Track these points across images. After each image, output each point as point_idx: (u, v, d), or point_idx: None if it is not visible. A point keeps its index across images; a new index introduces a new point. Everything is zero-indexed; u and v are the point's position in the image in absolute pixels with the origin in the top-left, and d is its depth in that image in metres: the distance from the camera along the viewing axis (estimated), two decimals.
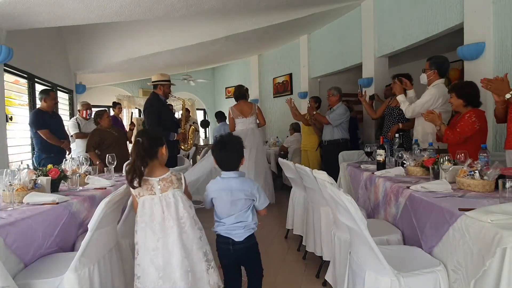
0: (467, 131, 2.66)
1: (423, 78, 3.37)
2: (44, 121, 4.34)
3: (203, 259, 1.82)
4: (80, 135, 5.36)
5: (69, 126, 5.42)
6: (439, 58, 3.30)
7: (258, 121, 5.14)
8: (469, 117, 2.68)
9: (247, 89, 5.29)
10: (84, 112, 5.57)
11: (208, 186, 2.00)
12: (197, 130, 7.21)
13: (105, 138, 4.32)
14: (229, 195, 1.89)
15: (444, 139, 2.83)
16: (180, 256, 1.73)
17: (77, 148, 5.36)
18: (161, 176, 1.80)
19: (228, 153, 1.92)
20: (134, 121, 6.70)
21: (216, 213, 2.00)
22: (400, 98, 3.51)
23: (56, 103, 4.61)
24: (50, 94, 4.53)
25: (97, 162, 4.00)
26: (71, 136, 5.36)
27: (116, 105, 6.95)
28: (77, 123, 5.45)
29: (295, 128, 6.64)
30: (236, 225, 1.93)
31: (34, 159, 4.59)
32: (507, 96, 2.31)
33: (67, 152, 4.61)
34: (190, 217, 1.82)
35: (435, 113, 2.91)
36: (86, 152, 4.26)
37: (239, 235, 1.93)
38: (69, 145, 4.66)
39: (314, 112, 5.12)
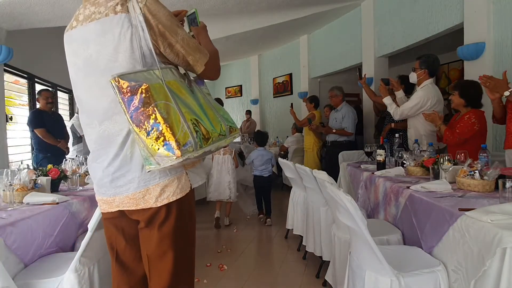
0: (466, 132, 2.66)
1: (413, 77, 3.33)
2: (41, 120, 4.33)
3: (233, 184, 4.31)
4: None
5: (77, 126, 5.37)
6: (429, 57, 3.25)
7: None
8: (469, 118, 2.67)
9: (222, 102, 5.40)
10: None
11: (251, 154, 4.44)
12: None
13: None
14: (260, 157, 4.31)
15: (444, 140, 2.82)
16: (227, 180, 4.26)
17: (83, 148, 5.36)
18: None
19: (261, 138, 4.49)
20: None
21: (254, 165, 4.37)
22: (386, 100, 3.49)
23: (50, 102, 4.51)
24: (41, 94, 4.48)
25: None
26: (79, 136, 5.36)
27: None
28: None
29: (297, 128, 6.65)
30: (263, 169, 4.35)
31: (32, 159, 4.60)
32: (506, 93, 2.31)
33: (66, 152, 4.60)
34: (233, 168, 4.28)
35: (436, 114, 2.89)
36: None
37: (265, 174, 4.36)
38: (66, 145, 4.64)
39: (326, 127, 4.99)
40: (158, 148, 1.03)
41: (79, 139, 5.38)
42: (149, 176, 1.17)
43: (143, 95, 1.02)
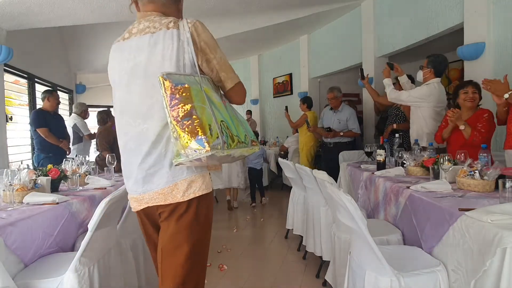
0: (490, 130, 2.66)
1: (419, 75, 3.37)
2: (44, 120, 4.37)
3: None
4: (93, 136, 5.40)
5: (81, 126, 5.42)
6: (437, 57, 3.28)
7: None
8: (489, 117, 2.68)
9: None
10: (84, 112, 5.61)
11: None
12: None
13: (115, 137, 4.35)
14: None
15: (470, 140, 2.65)
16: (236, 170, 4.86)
17: (84, 147, 5.39)
18: None
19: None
20: None
21: (249, 159, 5.10)
22: (386, 81, 3.55)
23: (59, 103, 4.67)
24: (53, 94, 4.59)
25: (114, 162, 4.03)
26: (81, 136, 5.40)
27: None
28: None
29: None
30: (256, 162, 5.27)
31: (33, 159, 4.60)
32: (505, 96, 2.32)
33: (67, 152, 4.61)
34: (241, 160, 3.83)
35: (460, 113, 2.75)
36: (100, 151, 4.25)
37: (257, 166, 5.27)
38: (68, 145, 4.67)
39: (334, 131, 4.83)
40: (190, 142, 1.16)
41: (80, 138, 5.41)
42: (177, 172, 1.31)
43: (184, 94, 1.19)
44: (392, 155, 3.26)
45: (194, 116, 1.17)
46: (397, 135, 3.49)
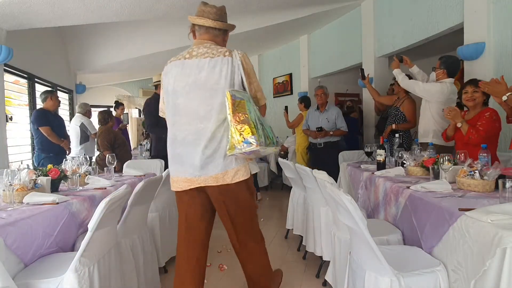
0: (490, 130, 2.59)
1: (432, 76, 3.48)
2: (47, 119, 4.40)
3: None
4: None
5: (88, 125, 5.45)
6: (449, 58, 3.35)
7: None
8: (490, 116, 2.61)
9: None
10: (88, 112, 5.65)
11: None
12: None
13: (116, 137, 4.36)
14: None
15: (466, 139, 2.67)
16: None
17: (89, 147, 5.42)
18: None
19: None
20: (134, 121, 6.73)
21: None
22: (396, 71, 3.64)
23: (59, 103, 4.73)
24: (55, 94, 4.67)
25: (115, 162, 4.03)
26: (89, 135, 5.45)
27: (119, 105, 6.93)
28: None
29: None
30: None
31: (34, 158, 4.61)
32: (504, 98, 2.31)
33: (67, 152, 4.62)
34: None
35: (458, 110, 2.78)
36: (102, 151, 4.26)
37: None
38: (69, 144, 4.69)
39: (324, 132, 4.75)
40: (244, 139, 1.68)
41: (87, 137, 5.45)
42: (228, 163, 1.84)
43: (241, 105, 1.72)
44: (392, 155, 3.26)
45: (247, 121, 1.70)
46: (397, 135, 3.50)
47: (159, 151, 4.10)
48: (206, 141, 1.80)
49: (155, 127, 4.07)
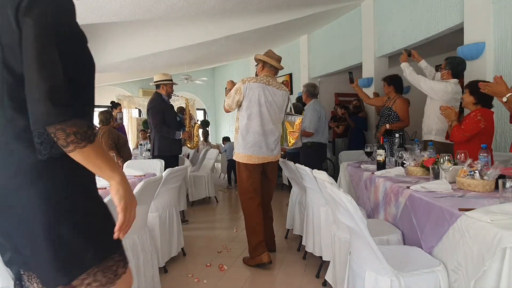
0: (470, 129, 2.63)
1: (437, 76, 3.51)
2: None
3: None
4: None
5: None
6: (455, 59, 3.37)
7: None
8: (475, 116, 2.65)
9: (209, 122, 6.04)
10: None
11: (224, 146, 7.71)
12: (201, 128, 7.27)
13: (119, 137, 4.37)
14: (230, 147, 6.29)
15: (451, 137, 2.82)
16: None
17: None
18: None
19: (228, 138, 8.39)
20: (134, 121, 6.72)
21: (227, 152, 7.11)
22: (403, 65, 3.65)
23: None
24: None
25: (119, 161, 4.03)
26: None
27: (116, 105, 6.92)
28: None
29: None
30: (230, 155, 6.08)
31: None
32: (504, 99, 2.31)
33: None
34: None
35: (453, 109, 2.86)
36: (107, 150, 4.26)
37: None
38: None
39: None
40: (293, 141, 3.30)
41: None
42: (279, 150, 3.15)
43: (297, 122, 3.28)
44: (392, 155, 3.27)
45: (290, 130, 3.28)
46: (397, 135, 3.49)
47: (162, 151, 4.10)
48: (275, 136, 3.08)
49: (163, 126, 4.08)
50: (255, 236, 2.93)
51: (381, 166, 2.91)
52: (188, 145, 4.70)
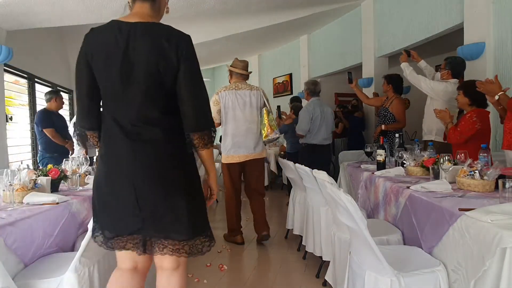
0: (466, 130, 2.65)
1: (437, 76, 3.53)
2: (51, 120, 4.42)
3: None
4: None
5: None
6: (455, 59, 3.39)
7: None
8: (470, 117, 2.67)
9: None
10: None
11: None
12: None
13: None
14: None
15: (447, 139, 2.85)
16: None
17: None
18: None
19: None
20: None
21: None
22: (404, 65, 3.68)
23: (63, 103, 4.75)
24: (60, 94, 4.68)
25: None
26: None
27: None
28: None
29: None
30: None
31: (38, 158, 4.62)
32: (496, 97, 2.34)
33: (70, 153, 4.62)
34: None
35: (447, 111, 2.90)
36: None
37: None
38: (73, 145, 4.69)
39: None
40: (271, 133, 3.45)
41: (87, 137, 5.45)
42: (262, 146, 3.50)
43: (268, 116, 3.46)
44: (392, 155, 3.26)
45: (271, 123, 3.44)
46: (397, 135, 3.49)
47: None
48: (254, 134, 3.41)
49: None
50: (231, 224, 3.59)
51: (381, 166, 2.91)
52: None
